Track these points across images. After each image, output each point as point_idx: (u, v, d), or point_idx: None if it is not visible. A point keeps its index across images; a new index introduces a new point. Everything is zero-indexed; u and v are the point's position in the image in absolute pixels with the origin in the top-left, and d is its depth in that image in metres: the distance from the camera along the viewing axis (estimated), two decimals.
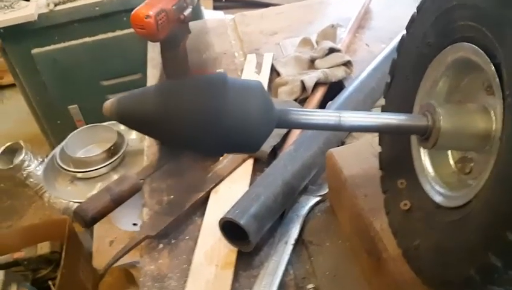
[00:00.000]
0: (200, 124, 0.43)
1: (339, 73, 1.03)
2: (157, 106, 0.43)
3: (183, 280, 0.69)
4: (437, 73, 0.52)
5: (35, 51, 1.67)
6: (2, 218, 2.25)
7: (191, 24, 1.33)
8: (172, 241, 0.76)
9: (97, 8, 1.65)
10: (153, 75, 1.16)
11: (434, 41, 0.52)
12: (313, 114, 0.48)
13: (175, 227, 0.78)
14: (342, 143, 0.87)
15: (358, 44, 1.19)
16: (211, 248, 0.71)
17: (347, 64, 1.05)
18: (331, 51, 1.07)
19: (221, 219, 0.69)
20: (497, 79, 0.42)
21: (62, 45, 1.70)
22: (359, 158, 0.70)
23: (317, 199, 0.78)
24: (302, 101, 1.00)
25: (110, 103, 0.44)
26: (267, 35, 1.27)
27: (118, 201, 0.85)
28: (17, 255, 1.70)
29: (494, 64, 0.42)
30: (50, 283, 1.68)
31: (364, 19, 1.27)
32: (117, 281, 1.54)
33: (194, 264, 0.69)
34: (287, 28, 1.29)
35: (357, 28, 1.23)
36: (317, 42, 1.15)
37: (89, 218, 0.81)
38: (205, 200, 0.80)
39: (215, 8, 3.30)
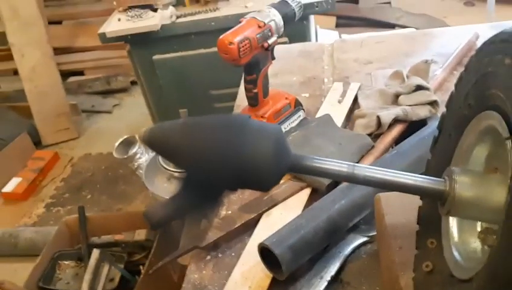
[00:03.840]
0: (217, 158, 0.47)
1: (421, 112, 1.00)
2: (181, 137, 0.48)
3: None
4: (472, 137, 0.50)
5: (156, 57, 1.86)
6: (115, 201, 2.52)
7: (289, 46, 1.38)
8: (219, 256, 0.81)
9: (213, 23, 1.78)
10: (243, 92, 1.23)
11: (473, 103, 0.50)
12: (326, 162, 0.49)
13: (225, 242, 0.83)
14: None
15: (453, 82, 1.12)
16: (248, 269, 0.75)
17: (433, 103, 1.01)
18: (419, 88, 1.04)
19: (260, 243, 0.72)
20: (509, 156, 0.40)
21: (180, 53, 1.86)
22: (406, 208, 0.68)
23: (364, 239, 0.78)
24: (377, 136, 0.99)
25: (144, 130, 0.50)
26: (361, 64, 1.27)
27: (182, 212, 0.93)
28: (118, 237, 1.90)
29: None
30: (141, 267, 1.84)
31: (467, 56, 1.20)
32: None
33: (229, 282, 0.74)
34: (383, 58, 1.27)
35: (457, 64, 1.17)
36: (407, 76, 1.12)
37: (154, 222, 0.89)
38: (257, 221, 0.84)
39: (337, 25, 3.30)
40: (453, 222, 0.53)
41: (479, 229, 0.51)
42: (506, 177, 0.45)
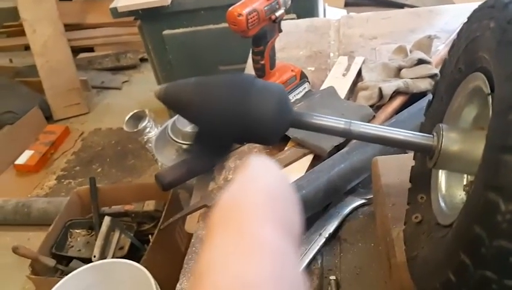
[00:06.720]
0: (224, 112, 0.52)
1: (422, 84, 1.03)
2: (194, 94, 0.53)
3: None
4: (461, 99, 0.54)
5: (166, 32, 1.90)
6: (125, 174, 2.58)
7: (297, 21, 1.41)
8: None
9: None
10: (251, 65, 1.27)
11: (463, 67, 0.54)
12: (324, 118, 0.53)
13: None
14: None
15: None
16: None
17: (434, 76, 1.05)
18: (421, 62, 1.07)
19: None
20: (490, 113, 0.44)
21: (189, 29, 1.90)
22: (400, 169, 0.72)
23: (362, 201, 0.82)
24: (379, 107, 1.03)
25: (159, 88, 0.55)
26: (366, 39, 1.30)
27: (192, 173, 0.98)
28: (128, 207, 1.96)
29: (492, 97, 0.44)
30: (150, 237, 1.91)
31: None
32: None
33: None
34: (388, 34, 1.30)
35: None
36: (411, 51, 1.16)
37: (166, 183, 0.95)
38: None
39: (346, 4, 3.31)
40: (441, 177, 0.57)
41: (465, 182, 0.55)
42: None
